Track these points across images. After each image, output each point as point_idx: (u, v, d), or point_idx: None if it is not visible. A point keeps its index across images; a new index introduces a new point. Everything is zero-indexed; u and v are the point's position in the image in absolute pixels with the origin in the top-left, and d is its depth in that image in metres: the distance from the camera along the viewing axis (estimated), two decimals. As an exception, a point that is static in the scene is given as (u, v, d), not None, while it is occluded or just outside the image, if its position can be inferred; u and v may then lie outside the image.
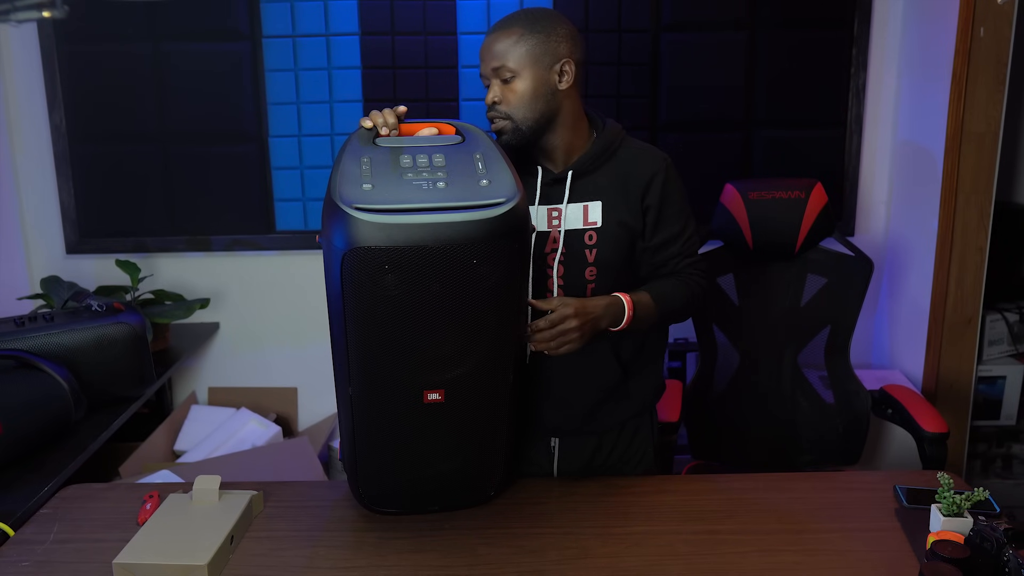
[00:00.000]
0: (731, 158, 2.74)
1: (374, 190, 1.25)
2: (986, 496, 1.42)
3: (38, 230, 2.76)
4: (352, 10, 2.62)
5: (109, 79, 2.66)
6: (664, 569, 1.37)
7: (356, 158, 1.33)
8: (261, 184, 2.71)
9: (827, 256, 2.30)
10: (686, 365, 2.76)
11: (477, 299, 1.27)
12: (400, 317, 1.26)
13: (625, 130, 1.67)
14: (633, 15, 2.64)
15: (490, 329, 1.32)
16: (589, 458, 1.74)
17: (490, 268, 1.25)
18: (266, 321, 2.84)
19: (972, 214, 2.41)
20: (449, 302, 1.26)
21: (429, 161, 1.32)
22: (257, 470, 2.37)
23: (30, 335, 1.94)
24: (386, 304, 1.25)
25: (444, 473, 1.47)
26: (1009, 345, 2.77)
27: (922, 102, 2.55)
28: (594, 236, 1.58)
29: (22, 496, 1.60)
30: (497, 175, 1.30)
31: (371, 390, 1.35)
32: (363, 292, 1.24)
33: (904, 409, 2.14)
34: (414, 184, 1.26)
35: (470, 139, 1.41)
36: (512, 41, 1.50)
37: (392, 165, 1.32)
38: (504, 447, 1.51)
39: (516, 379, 1.45)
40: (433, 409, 1.35)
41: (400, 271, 1.22)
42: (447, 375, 1.33)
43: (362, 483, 1.50)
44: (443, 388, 1.33)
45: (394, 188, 1.26)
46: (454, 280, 1.24)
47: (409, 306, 1.25)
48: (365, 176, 1.28)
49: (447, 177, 1.28)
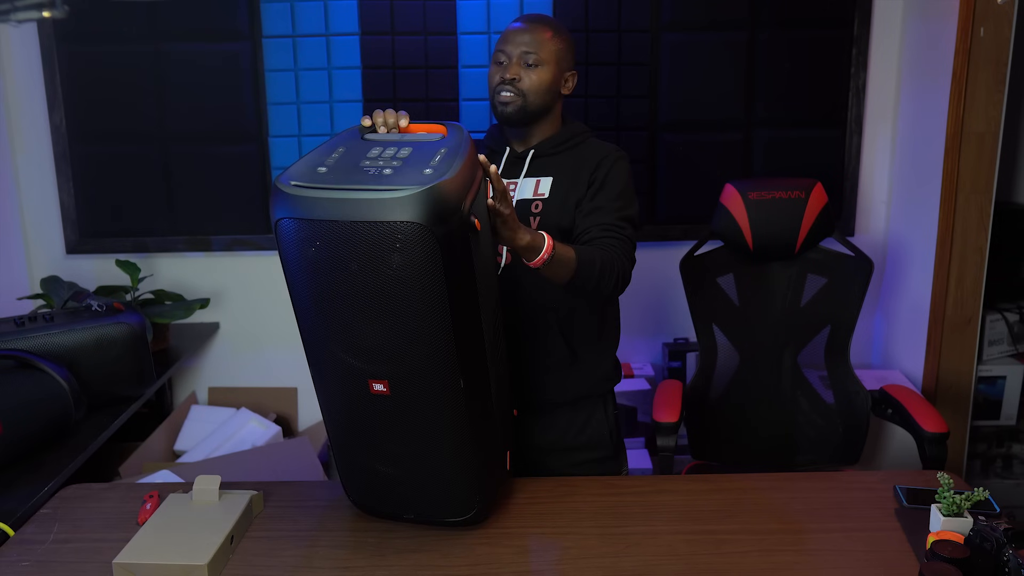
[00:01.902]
0: (731, 158, 2.74)
1: (325, 173, 1.30)
2: (986, 496, 1.42)
3: (38, 230, 2.76)
4: (352, 10, 2.62)
5: (109, 79, 2.66)
6: (664, 569, 1.37)
7: (332, 146, 1.38)
8: (261, 184, 2.71)
9: (827, 256, 2.30)
10: (686, 365, 2.76)
11: (392, 286, 1.27)
12: (326, 292, 1.30)
13: (596, 130, 1.83)
14: (633, 15, 2.64)
15: (415, 322, 1.30)
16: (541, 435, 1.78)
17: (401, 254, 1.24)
18: (266, 321, 2.84)
19: (972, 214, 2.41)
20: (367, 286, 1.27)
21: (394, 154, 1.33)
22: (257, 470, 2.37)
23: (30, 335, 1.94)
24: (313, 276, 1.30)
25: (416, 480, 1.45)
26: (1009, 345, 2.77)
27: (922, 102, 2.55)
28: (540, 206, 1.71)
29: (22, 496, 1.60)
30: (443, 166, 1.28)
31: (321, 376, 1.42)
32: (292, 262, 1.31)
33: (904, 409, 2.14)
34: (363, 169, 1.29)
35: (449, 136, 1.40)
36: (548, 37, 1.70)
37: (359, 155, 1.34)
38: (475, 471, 1.45)
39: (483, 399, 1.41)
40: (383, 403, 1.36)
41: (325, 248, 1.26)
42: (383, 365, 1.34)
43: (343, 475, 1.52)
44: (386, 380, 1.34)
45: (342, 172, 1.30)
46: (369, 263, 1.25)
47: (333, 283, 1.29)
48: (328, 162, 1.32)
49: (399, 166, 1.29)
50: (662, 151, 2.73)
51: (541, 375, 1.76)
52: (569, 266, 1.54)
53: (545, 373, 1.76)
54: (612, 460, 1.84)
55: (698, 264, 2.35)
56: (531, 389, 1.76)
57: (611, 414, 1.84)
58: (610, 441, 1.83)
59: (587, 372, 1.78)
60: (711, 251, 2.35)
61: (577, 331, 1.76)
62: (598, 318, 1.78)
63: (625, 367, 2.79)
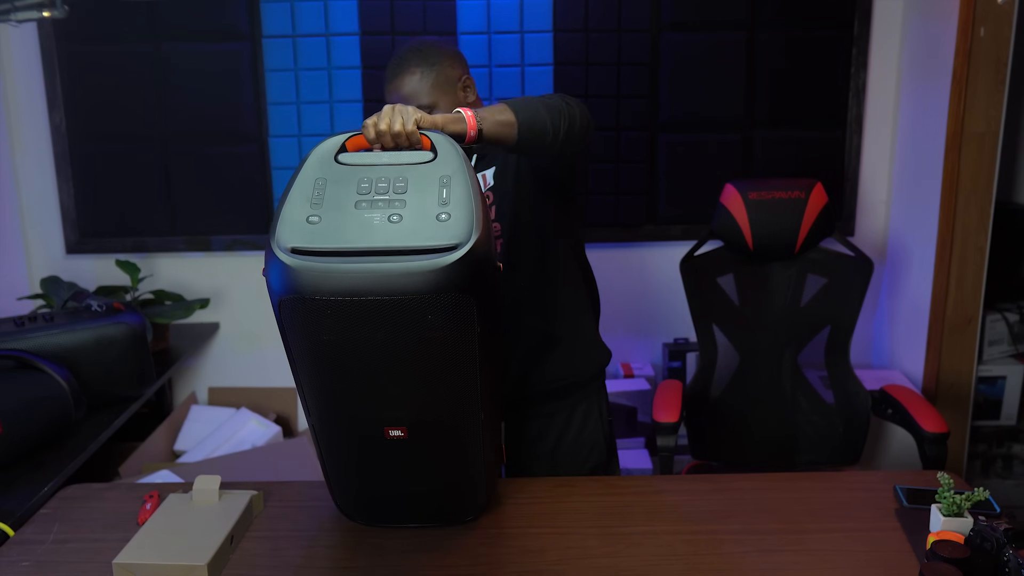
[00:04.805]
0: (731, 158, 2.74)
1: (319, 224, 1.15)
2: (986, 496, 1.42)
3: (38, 230, 2.77)
4: (352, 10, 2.62)
5: (109, 79, 2.66)
6: (664, 569, 1.37)
7: (311, 179, 1.21)
8: (261, 184, 2.71)
9: (827, 256, 2.30)
10: (686, 365, 2.76)
11: (426, 349, 1.16)
12: (343, 361, 1.19)
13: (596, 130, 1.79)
14: (633, 15, 2.64)
15: (442, 372, 1.23)
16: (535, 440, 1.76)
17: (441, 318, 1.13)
18: (266, 321, 2.80)
19: (972, 214, 2.41)
20: (395, 351, 1.17)
21: (389, 186, 1.19)
22: (257, 470, 2.37)
23: (30, 335, 1.94)
24: (328, 349, 1.17)
25: (417, 495, 1.44)
26: (1009, 345, 2.77)
27: (922, 102, 2.55)
28: (491, 197, 1.68)
29: (22, 496, 1.60)
30: (458, 206, 1.16)
31: (328, 423, 1.32)
32: (302, 337, 1.18)
33: (904, 409, 2.14)
34: (365, 217, 1.15)
35: (442, 156, 1.25)
36: (417, 79, 1.65)
37: (348, 189, 1.20)
38: (481, 475, 1.44)
39: (493, 413, 1.39)
40: (397, 444, 1.29)
41: (340, 319, 1.13)
42: (403, 414, 1.26)
43: (339, 494, 1.48)
44: (405, 427, 1.26)
45: (341, 221, 1.15)
46: (399, 329, 1.13)
47: (351, 352, 1.17)
48: (316, 204, 1.18)
49: (404, 209, 1.16)
50: (662, 151, 2.73)
51: (516, 365, 1.71)
52: (506, 117, 1.41)
53: (521, 361, 1.71)
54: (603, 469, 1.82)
55: (698, 264, 2.35)
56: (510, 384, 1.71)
57: (605, 419, 1.81)
58: (604, 446, 1.81)
59: (569, 353, 1.74)
60: (711, 251, 2.35)
61: (550, 306, 1.71)
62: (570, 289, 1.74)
63: (625, 367, 2.79)
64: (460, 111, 1.36)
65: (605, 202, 2.75)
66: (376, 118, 1.31)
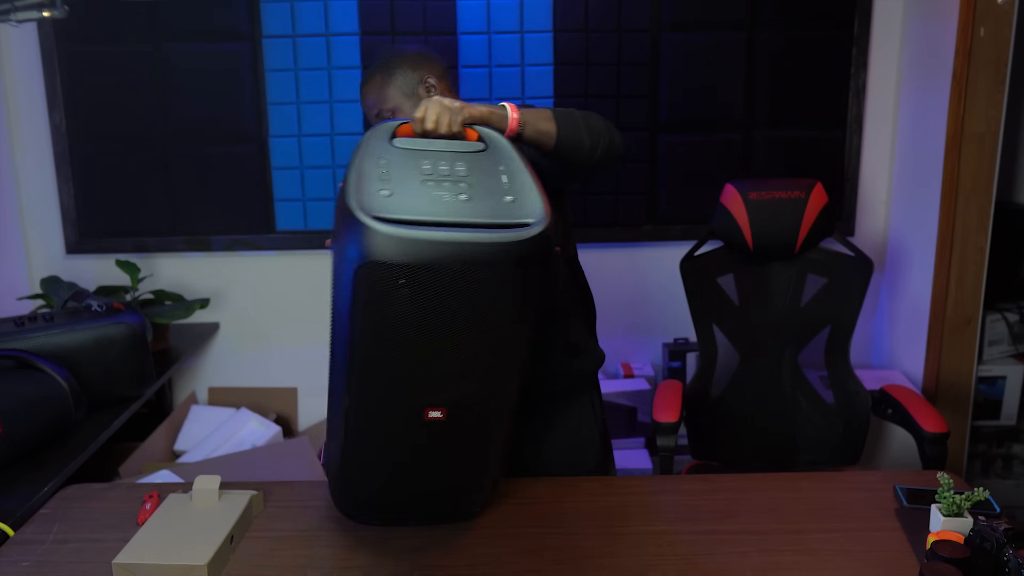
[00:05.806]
0: (731, 158, 2.74)
1: (392, 197, 1.17)
2: (986, 496, 1.42)
3: (38, 230, 2.77)
4: (352, 10, 2.62)
5: (109, 79, 2.66)
6: (664, 569, 1.37)
7: (375, 158, 1.25)
8: (261, 184, 2.71)
9: (827, 256, 2.30)
10: (686, 365, 2.76)
11: (493, 321, 1.20)
12: (411, 334, 1.19)
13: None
14: (633, 15, 2.64)
15: (502, 350, 1.25)
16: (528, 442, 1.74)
17: (512, 292, 1.17)
18: (266, 321, 2.84)
19: (972, 214, 2.41)
20: (463, 323, 1.18)
21: (450, 169, 1.24)
22: (257, 470, 2.37)
23: (30, 335, 1.94)
24: (397, 321, 1.17)
25: (430, 491, 1.44)
26: (1009, 345, 2.77)
27: (922, 102, 2.55)
28: None
29: (22, 496, 1.60)
30: (523, 193, 1.22)
31: (369, 403, 1.30)
32: (374, 307, 1.16)
33: (904, 409, 2.14)
34: (434, 194, 1.19)
35: (493, 148, 1.33)
36: (377, 87, 1.71)
37: (411, 169, 1.23)
38: (493, 467, 1.45)
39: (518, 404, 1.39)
40: (432, 426, 1.29)
41: (415, 288, 1.14)
42: (449, 395, 1.27)
43: (345, 491, 1.46)
44: (445, 407, 1.27)
45: (413, 196, 1.18)
46: (472, 301, 1.16)
47: (421, 324, 1.18)
48: (384, 180, 1.20)
49: (470, 189, 1.20)
50: (662, 151, 2.73)
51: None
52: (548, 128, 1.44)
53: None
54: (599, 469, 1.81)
55: (698, 264, 2.35)
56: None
57: (599, 419, 1.80)
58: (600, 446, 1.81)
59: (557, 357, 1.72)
60: (711, 251, 2.35)
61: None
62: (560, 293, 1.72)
63: (625, 367, 2.79)
64: (506, 106, 1.42)
65: (605, 202, 2.75)
66: (424, 112, 1.34)
